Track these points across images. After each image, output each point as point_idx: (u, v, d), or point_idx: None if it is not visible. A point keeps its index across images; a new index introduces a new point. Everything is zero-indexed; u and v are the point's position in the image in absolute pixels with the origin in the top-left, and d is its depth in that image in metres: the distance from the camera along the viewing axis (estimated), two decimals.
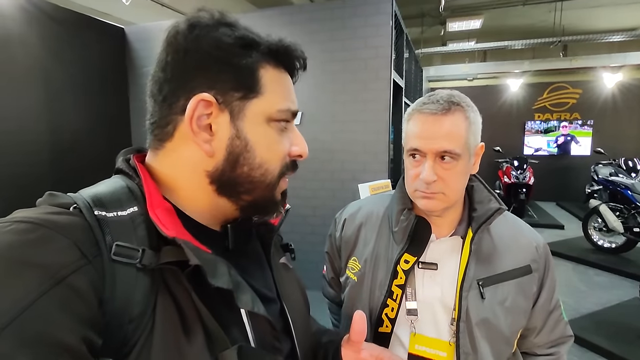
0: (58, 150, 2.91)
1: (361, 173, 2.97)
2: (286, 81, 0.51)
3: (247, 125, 0.46)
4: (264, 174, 0.48)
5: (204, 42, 0.45)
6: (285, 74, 0.51)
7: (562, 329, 0.83)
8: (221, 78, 0.45)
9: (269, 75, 0.48)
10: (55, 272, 0.34)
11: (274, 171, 0.49)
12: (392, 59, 2.89)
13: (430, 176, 0.71)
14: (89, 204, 0.41)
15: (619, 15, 6.92)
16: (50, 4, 2.89)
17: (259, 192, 0.49)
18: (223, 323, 0.43)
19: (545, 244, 0.82)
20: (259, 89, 0.47)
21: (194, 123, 0.45)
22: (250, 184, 0.48)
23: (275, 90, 0.48)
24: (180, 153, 0.47)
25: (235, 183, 0.48)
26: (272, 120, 0.48)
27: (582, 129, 7.57)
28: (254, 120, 0.47)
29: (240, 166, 0.47)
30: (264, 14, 3.22)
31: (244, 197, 0.49)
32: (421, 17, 7.19)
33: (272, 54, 0.48)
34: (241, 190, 0.48)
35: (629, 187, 4.08)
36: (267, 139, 0.48)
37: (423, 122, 0.73)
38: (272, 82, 0.48)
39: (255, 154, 0.47)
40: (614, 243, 4.29)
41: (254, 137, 0.47)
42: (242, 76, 0.46)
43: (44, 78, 2.79)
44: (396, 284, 0.78)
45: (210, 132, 0.46)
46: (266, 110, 0.47)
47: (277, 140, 0.49)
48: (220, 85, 0.45)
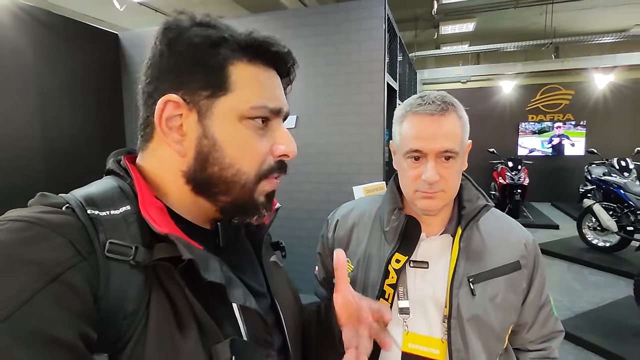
0: (52, 156, 2.90)
1: (357, 175, 2.99)
2: (263, 77, 0.48)
3: (214, 123, 0.46)
4: (236, 174, 0.47)
5: (176, 43, 0.45)
6: (266, 69, 0.49)
7: (552, 324, 0.84)
8: (190, 78, 0.46)
9: (241, 71, 0.47)
10: (50, 269, 0.34)
11: (248, 171, 0.48)
12: (385, 62, 2.91)
13: (434, 176, 0.71)
14: (82, 203, 0.41)
15: (609, 17, 7.03)
16: (42, 10, 2.89)
17: (235, 193, 0.48)
18: (216, 317, 0.44)
19: (534, 241, 0.84)
20: (228, 86, 0.46)
21: (163, 124, 0.46)
22: (224, 185, 0.47)
23: (247, 87, 0.47)
24: (160, 153, 0.49)
25: (209, 183, 0.47)
26: (244, 118, 0.47)
27: (575, 130, 7.64)
28: (223, 118, 0.46)
29: (211, 166, 0.46)
30: (257, 18, 3.24)
31: (221, 198, 0.49)
32: (415, 21, 7.25)
33: (243, 49, 0.47)
34: (216, 191, 0.48)
35: (622, 187, 4.12)
36: (237, 138, 0.47)
37: (421, 123, 0.74)
38: (244, 79, 0.47)
39: (224, 153, 0.46)
40: (608, 242, 4.33)
41: (222, 136, 0.46)
42: (209, 74, 0.46)
43: (37, 84, 2.79)
44: (388, 284, 0.79)
45: (181, 132, 0.46)
46: (236, 107, 0.46)
47: (250, 139, 0.47)
48: (188, 85, 0.46)
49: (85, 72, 3.18)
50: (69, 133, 3.03)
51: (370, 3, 2.89)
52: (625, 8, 6.47)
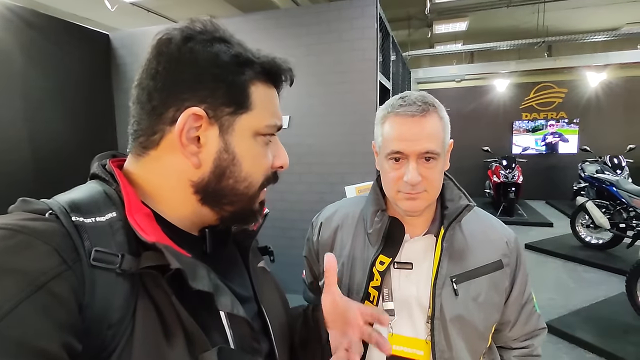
0: (40, 159, 2.86)
1: (349, 175, 2.98)
2: (273, 96, 0.52)
3: (235, 139, 0.48)
4: (247, 187, 0.50)
5: (200, 56, 0.45)
6: (273, 89, 0.53)
7: (535, 321, 0.84)
8: (213, 93, 0.46)
9: (259, 91, 0.49)
10: (35, 278, 0.34)
11: (257, 183, 0.51)
12: (378, 61, 2.91)
13: (416, 177, 0.71)
14: (66, 209, 0.40)
15: (601, 15, 7.07)
16: (30, 10, 2.86)
17: (241, 204, 0.51)
18: (203, 325, 0.43)
19: (516, 238, 0.83)
20: (249, 105, 0.48)
21: (183, 136, 0.45)
22: (234, 196, 0.49)
23: (264, 107, 0.50)
24: (165, 162, 0.47)
25: (220, 195, 0.49)
26: (259, 134, 0.50)
27: (568, 127, 7.69)
28: (242, 134, 0.48)
29: (227, 179, 0.48)
30: (249, 18, 3.22)
31: (226, 208, 0.50)
32: (408, 20, 7.26)
33: (265, 72, 0.50)
34: (224, 202, 0.50)
35: (614, 184, 4.14)
36: (253, 153, 0.49)
37: (402, 124, 0.73)
38: (261, 99, 0.49)
39: (241, 167, 0.48)
40: (601, 239, 4.35)
41: (241, 151, 0.48)
42: (233, 92, 0.47)
43: (24, 86, 2.75)
44: (372, 286, 0.78)
45: (198, 144, 0.46)
46: (254, 125, 0.49)
47: (262, 154, 0.51)
48: (211, 99, 0.46)
49: (75, 73, 3.14)
50: (57, 136, 2.99)
51: (362, 2, 2.89)
52: (616, 7, 6.51)
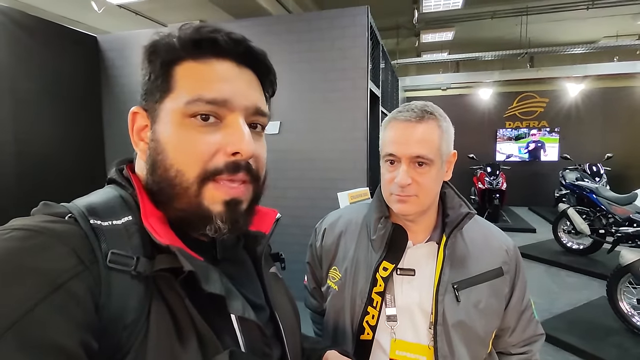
0: (25, 162, 2.79)
1: (341, 181, 3.00)
2: (207, 69, 0.46)
3: (159, 126, 0.46)
4: (176, 176, 0.45)
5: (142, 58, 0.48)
6: (211, 60, 0.46)
7: (533, 327, 0.87)
8: (147, 88, 0.47)
9: (185, 70, 0.46)
10: (54, 278, 0.35)
11: (188, 172, 0.44)
12: (368, 69, 2.96)
13: (404, 179, 0.73)
14: (84, 213, 0.41)
15: (580, 29, 7.36)
16: (18, 11, 2.81)
17: (182, 199, 0.45)
18: (214, 329, 0.44)
19: (515, 246, 0.86)
20: (170, 87, 0.45)
21: (134, 135, 0.48)
22: (169, 188, 0.45)
23: (187, 83, 0.45)
24: (139, 163, 0.50)
25: (159, 188, 0.46)
26: (185, 116, 0.45)
27: (550, 136, 7.92)
28: (165, 119, 0.46)
29: (157, 169, 0.46)
30: (241, 24, 3.24)
31: (174, 205, 0.46)
32: (396, 29, 7.39)
33: (183, 48, 0.46)
34: (166, 197, 0.46)
35: (594, 191, 4.28)
36: (176, 138, 0.45)
37: (397, 129, 0.77)
38: (186, 77, 0.45)
39: (165, 155, 0.45)
40: (581, 245, 4.48)
41: (164, 137, 0.45)
42: (156, 80, 0.46)
43: (11, 87, 2.69)
44: (376, 292, 0.80)
45: (147, 142, 0.48)
46: (174, 106, 0.45)
47: (188, 138, 0.45)
48: (145, 95, 0.48)
49: (62, 75, 3.09)
50: (43, 138, 2.93)
51: (353, 11, 2.94)
52: (594, 21, 6.78)
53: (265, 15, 4.78)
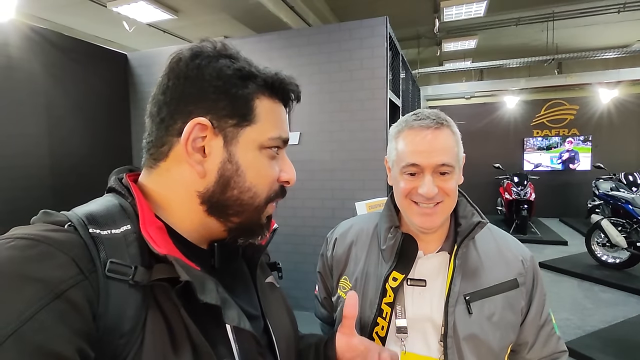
0: (59, 174, 2.95)
1: (360, 191, 2.99)
2: (279, 111, 0.53)
3: (239, 150, 0.49)
4: (252, 197, 0.50)
5: (205, 70, 0.48)
6: (280, 104, 0.54)
7: (554, 344, 0.82)
8: (218, 105, 0.48)
9: (264, 105, 0.51)
10: (54, 287, 0.36)
11: (261, 195, 0.51)
12: (387, 79, 2.95)
13: (432, 190, 0.72)
14: (84, 221, 0.42)
15: (611, 33, 7.08)
16: (54, 32, 2.99)
17: (246, 215, 0.51)
18: (209, 339, 0.44)
19: (532, 257, 0.83)
20: (253, 117, 0.50)
21: (189, 145, 0.47)
22: (240, 207, 0.50)
23: (268, 120, 0.51)
24: (174, 173, 0.49)
25: (225, 205, 0.50)
26: (263, 147, 0.51)
27: (583, 145, 7.60)
28: (246, 146, 0.49)
29: (231, 189, 0.49)
30: (262, 38, 3.32)
31: (233, 219, 0.51)
32: (417, 39, 7.36)
33: (268, 86, 0.51)
34: (230, 213, 0.50)
35: (630, 202, 4.06)
36: (257, 165, 0.50)
37: (417, 137, 0.74)
38: (266, 112, 0.51)
39: (245, 178, 0.49)
40: (618, 258, 4.24)
41: (245, 162, 0.49)
42: (237, 105, 0.48)
43: (47, 104, 2.86)
44: (385, 302, 0.78)
45: (203, 154, 0.48)
46: (258, 137, 0.50)
47: (266, 166, 0.52)
48: (216, 111, 0.48)
49: (94, 91, 3.26)
50: (76, 151, 3.09)
51: (372, 22, 2.96)
52: (626, 24, 6.52)
53: (285, 29, 4.89)
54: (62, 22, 5.70)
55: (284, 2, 4.89)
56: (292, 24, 5.19)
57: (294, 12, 5.15)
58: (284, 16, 5.00)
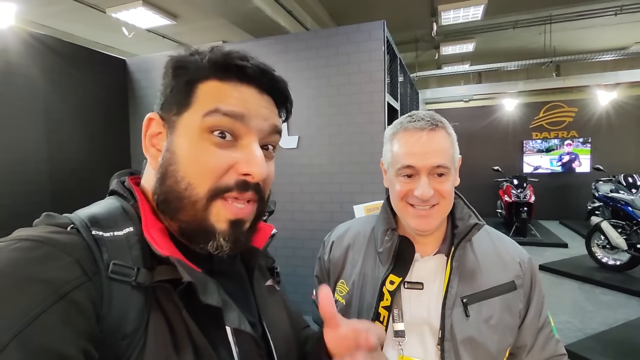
0: (58, 179, 2.94)
1: (359, 194, 2.98)
2: (228, 89, 0.47)
3: (176, 138, 0.47)
4: (187, 189, 0.45)
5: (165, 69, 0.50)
6: (234, 83, 0.48)
7: (553, 347, 0.81)
8: (166, 99, 0.49)
9: (208, 87, 0.47)
10: (58, 288, 0.36)
11: (199, 186, 0.45)
12: (385, 82, 2.96)
13: (428, 191, 0.71)
14: (86, 224, 0.42)
15: (608, 35, 7.10)
16: (53, 38, 3.00)
17: (188, 212, 0.46)
18: (210, 340, 0.44)
19: (530, 259, 0.82)
20: (191, 102, 0.47)
21: (147, 140, 0.50)
22: (178, 200, 0.46)
23: (206, 99, 0.46)
24: (149, 170, 0.52)
25: (166, 199, 0.47)
26: (203, 130, 0.46)
27: (583, 147, 7.61)
28: (183, 132, 0.47)
29: (168, 179, 0.47)
30: (260, 43, 3.33)
31: (179, 217, 0.47)
32: (415, 42, 7.38)
33: (213, 67, 0.47)
34: (172, 207, 0.46)
35: (630, 203, 4.06)
36: (193, 151, 0.46)
37: (412, 138, 0.74)
38: (207, 94, 0.47)
39: (178, 166, 0.46)
40: (618, 260, 4.23)
41: (179, 150, 0.47)
42: (177, 93, 0.48)
43: (46, 110, 2.86)
44: (382, 306, 0.78)
45: (158, 148, 0.49)
46: (192, 119, 0.46)
47: (204, 153, 0.46)
48: (165, 104, 0.49)
49: (93, 96, 3.26)
50: (75, 156, 3.09)
51: (369, 26, 2.97)
52: (623, 26, 6.54)
53: (283, 33, 4.90)
54: (62, 28, 5.72)
55: (283, 7, 4.91)
56: (291, 29, 5.20)
57: (292, 16, 5.17)
58: (282, 21, 5.01)
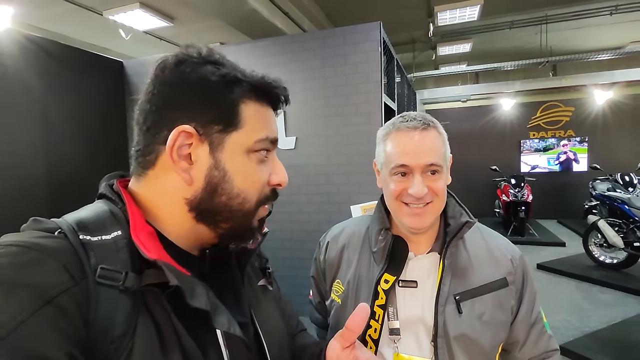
0: (55, 182, 2.94)
1: (356, 195, 2.99)
2: (267, 113, 0.53)
3: (225, 156, 0.49)
4: (241, 203, 0.50)
5: (189, 77, 0.48)
6: (267, 107, 0.53)
7: (545, 342, 0.82)
8: (203, 112, 0.48)
9: (250, 109, 0.50)
10: (45, 293, 0.36)
11: (251, 200, 0.51)
12: (382, 83, 2.97)
13: (422, 190, 0.72)
14: (74, 228, 0.42)
15: (604, 35, 7.14)
16: (49, 41, 3.00)
17: (236, 220, 0.51)
18: (200, 344, 0.44)
19: (521, 256, 0.83)
20: (238, 122, 0.49)
21: (174, 152, 0.47)
22: (229, 213, 0.50)
23: (254, 123, 0.50)
24: (162, 181, 0.49)
25: (214, 212, 0.49)
26: (251, 151, 0.50)
27: (580, 146, 7.64)
28: (233, 151, 0.49)
29: (219, 195, 0.49)
30: (257, 44, 3.34)
31: (222, 225, 0.51)
32: (412, 43, 7.41)
33: (254, 90, 0.51)
34: (219, 219, 0.50)
35: (626, 202, 4.08)
36: (245, 170, 0.50)
37: (403, 138, 0.75)
38: (252, 116, 0.50)
39: (233, 184, 0.49)
40: (615, 259, 4.24)
41: (232, 168, 0.49)
42: (222, 111, 0.48)
43: (42, 113, 2.86)
44: (377, 304, 0.78)
45: (189, 161, 0.48)
46: (245, 142, 0.49)
47: (255, 171, 0.51)
48: (201, 118, 0.48)
49: (90, 99, 3.26)
50: (73, 159, 3.08)
51: (366, 27, 2.98)
52: (619, 26, 6.58)
53: (280, 35, 4.92)
54: (58, 30, 5.72)
55: (279, 9, 4.92)
56: (288, 30, 5.22)
57: (289, 18, 5.19)
58: (279, 22, 5.03)
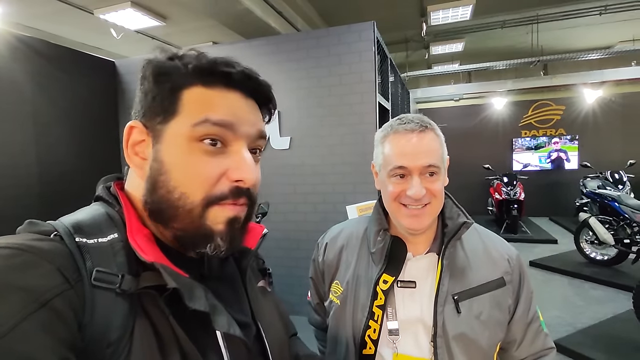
0: (47, 183, 2.91)
1: (351, 195, 3.00)
2: (215, 96, 0.47)
3: (163, 147, 0.46)
4: (180, 198, 0.45)
5: (144, 76, 0.49)
6: (219, 90, 0.48)
7: (542, 340, 0.83)
8: (147, 105, 0.48)
9: (193, 94, 0.46)
10: (39, 296, 0.35)
11: (193, 195, 0.45)
12: (376, 82, 2.98)
13: (420, 191, 0.73)
14: (70, 230, 0.42)
15: (593, 35, 7.25)
16: (40, 40, 2.96)
17: (183, 220, 0.46)
18: (199, 346, 0.44)
19: (518, 256, 0.84)
20: (177, 109, 0.46)
21: (129, 148, 0.49)
22: (172, 209, 0.46)
23: (191, 108, 0.46)
24: (132, 178, 0.51)
25: (159, 208, 0.46)
26: (193, 140, 0.46)
27: (571, 144, 7.74)
28: (171, 141, 0.46)
29: (158, 189, 0.46)
30: (251, 43, 3.33)
31: (173, 225, 0.47)
32: (405, 43, 7.45)
33: (197, 74, 0.47)
34: (166, 217, 0.46)
35: (616, 199, 4.14)
36: (183, 161, 0.46)
37: (401, 140, 0.76)
38: (193, 102, 0.46)
39: (169, 176, 0.46)
40: (606, 255, 4.31)
41: (169, 159, 0.46)
42: (162, 101, 0.47)
43: (34, 113, 2.82)
44: (376, 305, 0.79)
45: (143, 157, 0.48)
46: (181, 129, 0.46)
47: (197, 162, 0.46)
48: (147, 112, 0.48)
49: (82, 99, 3.22)
50: (64, 159, 3.05)
51: (359, 27, 2.99)
52: (608, 26, 6.68)
53: (274, 34, 4.90)
54: (49, 30, 5.64)
55: (273, 8, 4.91)
56: (281, 30, 5.21)
57: (282, 17, 5.18)
58: (272, 22, 5.01)
